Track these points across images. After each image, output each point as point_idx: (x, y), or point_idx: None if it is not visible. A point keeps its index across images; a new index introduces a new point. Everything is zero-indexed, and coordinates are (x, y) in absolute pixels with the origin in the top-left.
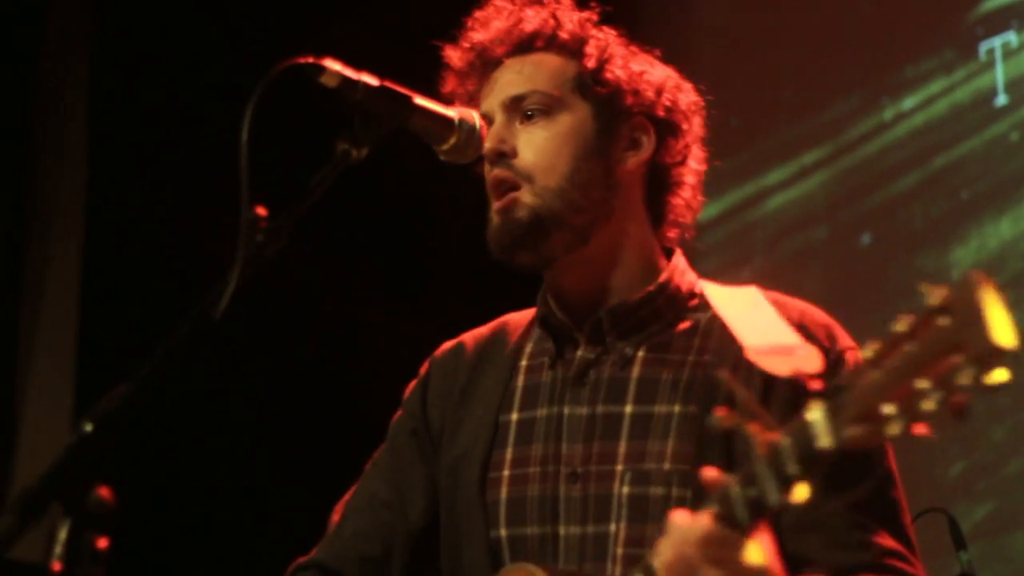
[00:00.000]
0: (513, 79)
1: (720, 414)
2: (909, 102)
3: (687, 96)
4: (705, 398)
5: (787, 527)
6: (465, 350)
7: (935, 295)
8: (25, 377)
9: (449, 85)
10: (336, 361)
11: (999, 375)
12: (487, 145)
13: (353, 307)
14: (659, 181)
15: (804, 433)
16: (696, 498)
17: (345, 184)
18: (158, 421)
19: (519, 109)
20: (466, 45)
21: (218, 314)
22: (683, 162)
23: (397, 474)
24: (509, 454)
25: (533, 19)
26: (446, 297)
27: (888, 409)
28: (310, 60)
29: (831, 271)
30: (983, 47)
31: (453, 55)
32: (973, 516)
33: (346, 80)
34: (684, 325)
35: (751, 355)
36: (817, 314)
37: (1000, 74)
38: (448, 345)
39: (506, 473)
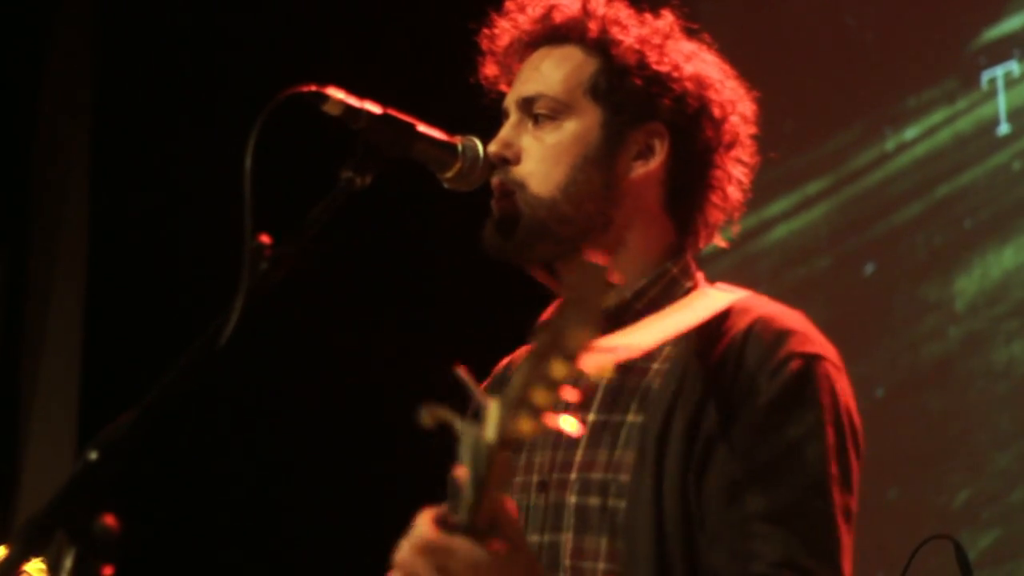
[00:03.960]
0: (529, 76)
1: (427, 408)
2: (911, 132)
3: (723, 95)
4: (657, 407)
5: (706, 539)
6: (513, 365)
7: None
8: (29, 405)
9: (482, 69)
10: (345, 383)
11: (590, 369)
12: (491, 149)
13: (362, 328)
14: (680, 185)
15: (482, 429)
16: (631, 509)
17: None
18: (164, 447)
19: (531, 111)
20: (497, 31)
21: (222, 342)
22: (709, 165)
23: None
24: None
25: (564, 10)
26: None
27: (538, 398)
28: (313, 88)
29: (834, 301)
30: (985, 76)
31: (486, 39)
32: (979, 544)
33: (349, 108)
34: None
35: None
36: (780, 321)
37: (1002, 103)
38: (505, 360)
39: None
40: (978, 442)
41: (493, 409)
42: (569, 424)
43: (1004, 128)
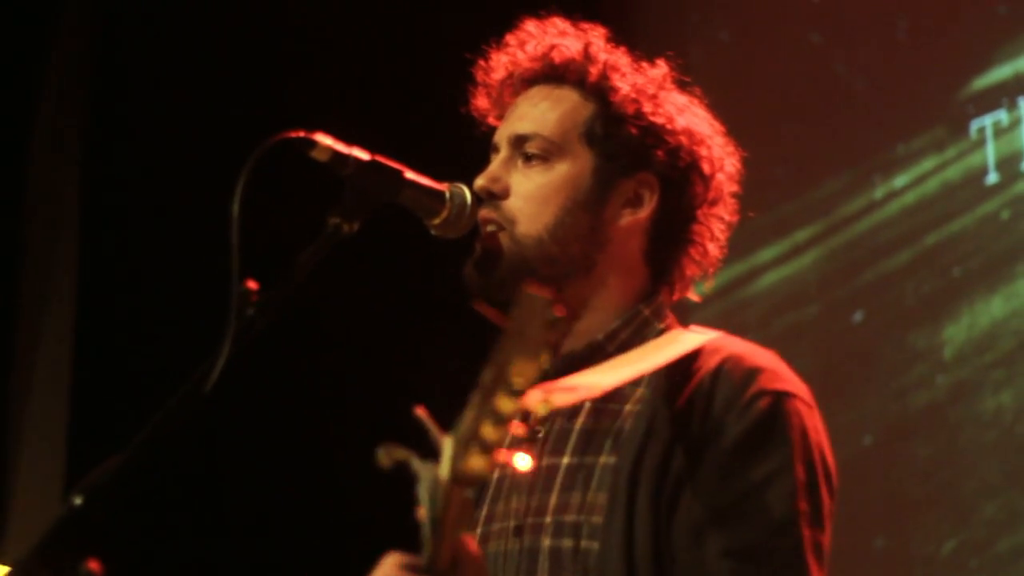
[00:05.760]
0: (525, 114)
1: (384, 447)
2: (900, 180)
3: (712, 151)
4: (628, 448)
5: (680, 572)
6: None
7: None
8: (16, 450)
9: (476, 102)
10: (330, 421)
11: (534, 404)
12: (479, 183)
13: (341, 372)
14: (664, 236)
15: (437, 468)
16: (603, 551)
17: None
18: (151, 492)
19: (522, 149)
20: (495, 66)
21: (208, 387)
22: (692, 220)
23: None
24: (484, 511)
25: (565, 51)
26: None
27: (487, 434)
28: (301, 134)
29: (823, 349)
30: (974, 125)
31: (482, 71)
32: None
33: (337, 154)
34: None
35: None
36: (749, 359)
37: (991, 152)
38: None
39: (479, 531)
40: (966, 491)
41: (447, 447)
42: (521, 461)
43: (992, 177)
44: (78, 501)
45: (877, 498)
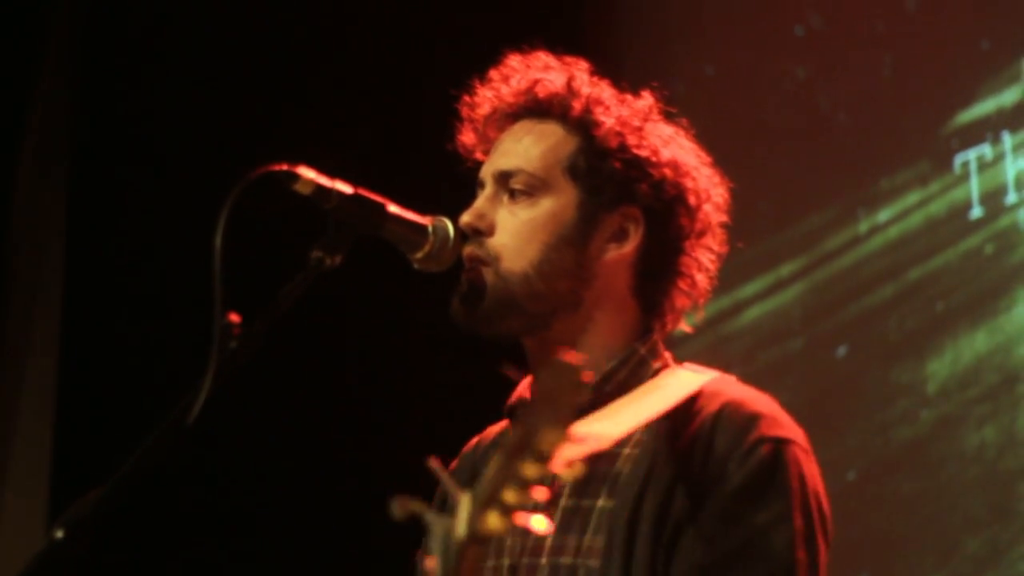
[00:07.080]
0: (509, 150)
1: (398, 501)
2: (884, 214)
3: (699, 183)
4: (627, 491)
5: None
6: (481, 445)
7: (538, 379)
8: (1, 480)
9: (462, 138)
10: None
11: (561, 470)
12: (464, 219)
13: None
14: (651, 270)
15: (452, 523)
16: None
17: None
18: (135, 524)
19: (507, 185)
20: (479, 100)
21: (191, 420)
22: (680, 252)
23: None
24: None
25: (549, 85)
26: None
27: (509, 496)
28: (284, 167)
29: (807, 383)
30: (958, 160)
31: (467, 107)
32: None
33: (319, 188)
34: None
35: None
36: (750, 405)
37: (975, 187)
38: (473, 440)
39: None
40: (949, 526)
41: (464, 504)
42: (538, 523)
43: (976, 212)
44: (60, 535)
45: (861, 533)
